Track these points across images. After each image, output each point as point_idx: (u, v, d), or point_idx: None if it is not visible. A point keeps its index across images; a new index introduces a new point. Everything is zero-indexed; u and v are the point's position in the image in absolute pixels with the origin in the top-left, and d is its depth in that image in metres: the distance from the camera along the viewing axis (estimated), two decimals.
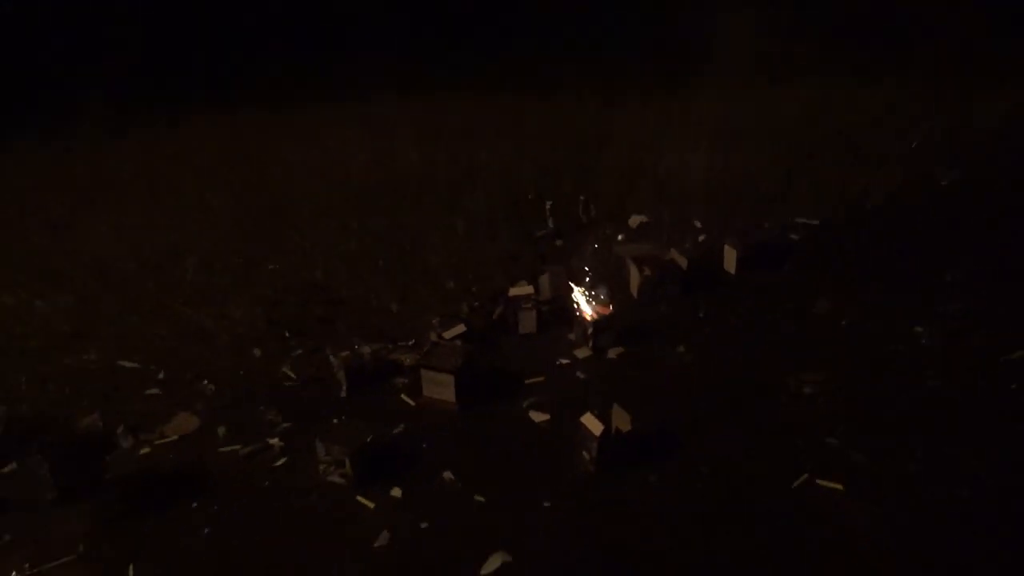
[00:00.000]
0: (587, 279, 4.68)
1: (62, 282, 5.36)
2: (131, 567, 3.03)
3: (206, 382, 4.17)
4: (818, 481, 3.26)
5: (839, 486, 3.22)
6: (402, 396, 3.99)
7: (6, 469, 3.48)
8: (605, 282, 4.71)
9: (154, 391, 4.13)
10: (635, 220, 5.65)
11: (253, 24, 10.64)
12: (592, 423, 3.41)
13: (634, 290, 4.77)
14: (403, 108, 8.42)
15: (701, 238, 5.42)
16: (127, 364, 4.36)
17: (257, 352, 4.40)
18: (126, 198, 6.86)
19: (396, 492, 3.34)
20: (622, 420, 3.46)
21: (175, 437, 3.70)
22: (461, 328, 4.24)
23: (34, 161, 7.98)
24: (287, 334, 4.54)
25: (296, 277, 5.17)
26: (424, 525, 3.16)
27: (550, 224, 5.62)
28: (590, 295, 4.59)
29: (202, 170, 7.45)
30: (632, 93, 8.11)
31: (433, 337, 4.20)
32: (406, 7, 10.72)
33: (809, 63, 8.18)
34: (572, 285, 4.71)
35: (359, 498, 3.32)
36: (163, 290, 5.18)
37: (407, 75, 9.03)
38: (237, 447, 3.67)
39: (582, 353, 4.26)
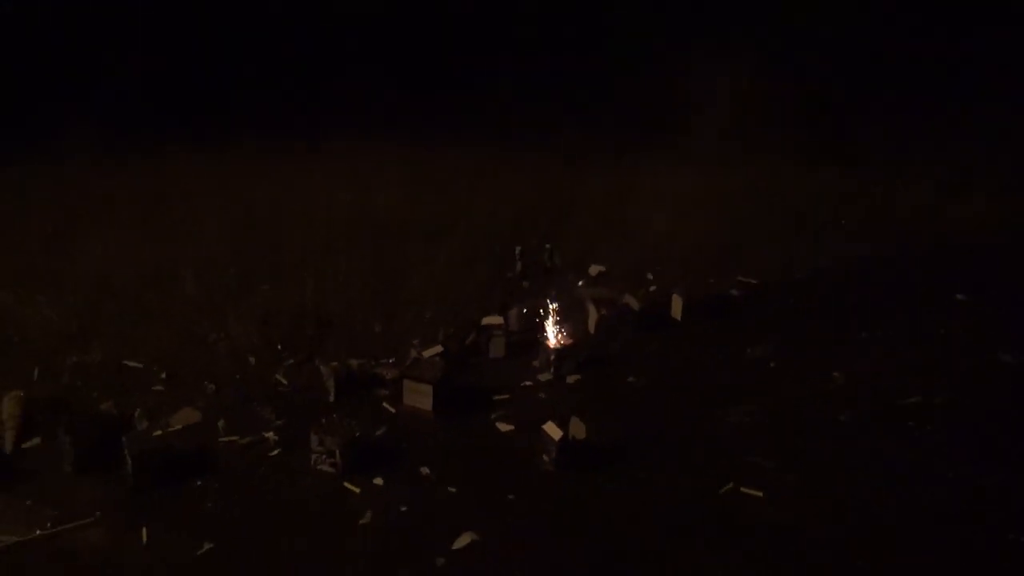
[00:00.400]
0: (551, 315, 5.24)
1: (63, 289, 5.73)
2: (144, 530, 3.42)
3: (207, 383, 4.59)
4: (741, 489, 3.80)
5: (759, 493, 3.76)
6: (384, 404, 4.46)
7: (30, 443, 3.87)
8: (566, 318, 5.27)
9: (159, 388, 4.53)
10: (594, 269, 6.26)
11: (246, 69, 11.21)
12: (552, 430, 3.94)
13: (591, 327, 5.34)
14: (385, 156, 9.03)
15: (652, 288, 6.03)
16: (132, 364, 4.76)
17: (252, 360, 4.84)
18: (120, 218, 7.26)
19: (378, 480, 3.79)
20: (578, 429, 3.99)
21: (179, 427, 4.10)
22: (439, 348, 4.75)
23: (28, 182, 8.32)
24: (279, 347, 4.98)
25: (287, 299, 5.63)
26: (403, 508, 3.62)
27: (519, 267, 6.19)
28: (553, 328, 5.15)
29: (193, 196, 7.90)
30: (597, 159, 8.83)
31: (414, 354, 4.70)
32: (391, 64, 11.43)
33: (757, 143, 9.00)
34: (537, 319, 5.26)
35: (346, 484, 3.76)
36: (162, 300, 5.59)
37: (390, 126, 9.68)
38: (236, 438, 4.09)
39: (544, 377, 4.80)
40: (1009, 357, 5.15)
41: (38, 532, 3.39)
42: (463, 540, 3.44)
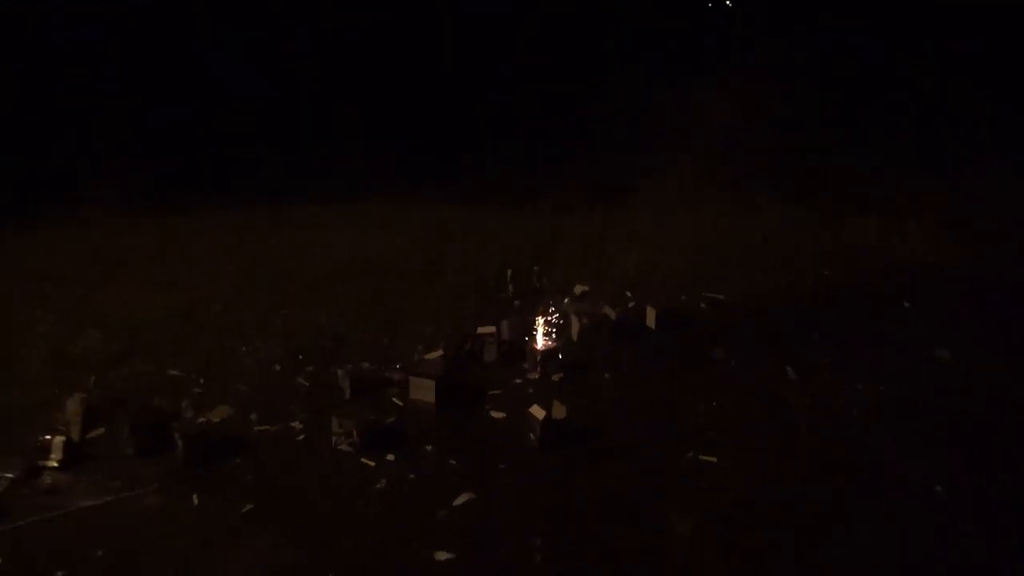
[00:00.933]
0: (538, 325, 5.93)
1: (105, 320, 6.42)
2: (194, 496, 4.06)
3: (238, 386, 5.26)
4: (700, 456, 4.45)
5: (713, 459, 4.41)
6: (393, 399, 5.12)
7: (94, 433, 4.52)
8: (552, 328, 5.96)
9: (198, 390, 5.20)
10: (578, 289, 6.97)
11: (256, 140, 12.12)
12: (537, 411, 4.59)
13: (574, 335, 6.02)
14: (382, 212, 9.84)
15: (631, 304, 6.73)
16: (173, 372, 5.44)
17: (277, 367, 5.51)
18: (148, 265, 7.98)
19: (390, 456, 4.43)
20: (559, 411, 4.64)
21: (218, 420, 4.76)
22: (439, 352, 5.43)
23: (53, 237, 9.05)
24: (300, 357, 5.66)
25: (304, 320, 6.32)
26: (412, 476, 4.25)
27: (510, 289, 6.91)
28: (540, 336, 5.83)
29: (212, 247, 8.64)
30: (580, 204, 9.63)
31: (417, 358, 5.38)
32: (385, 130, 12.39)
33: (725, 187, 9.85)
34: (526, 329, 5.95)
35: (363, 459, 4.41)
36: (193, 326, 6.29)
37: (385, 185, 10.53)
38: (267, 427, 4.75)
39: (532, 376, 5.46)
40: (945, 352, 5.82)
41: (108, 498, 4.02)
42: (461, 499, 4.06)
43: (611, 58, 14.00)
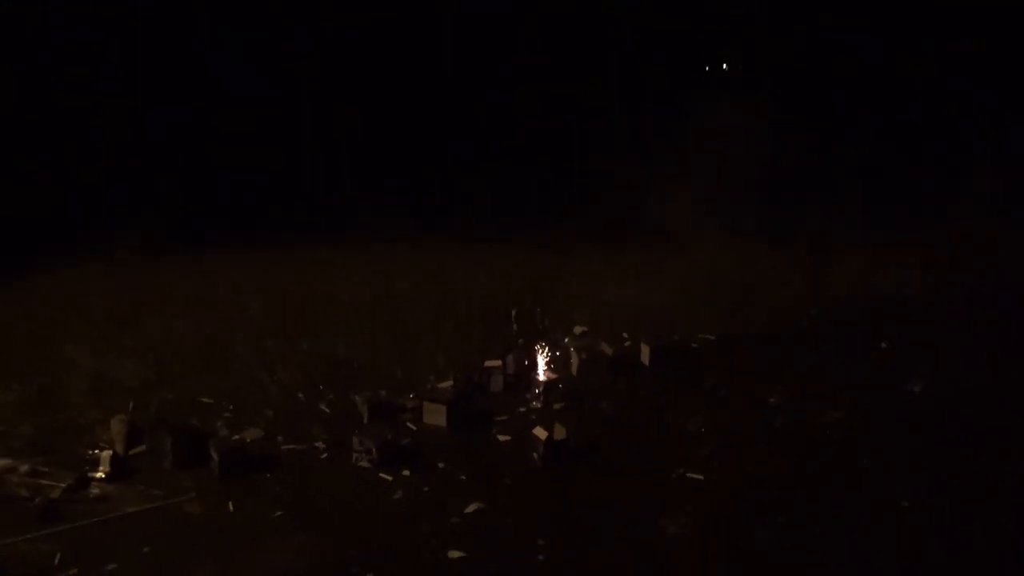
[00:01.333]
0: (540, 360, 6.37)
1: (137, 353, 6.88)
2: (229, 503, 4.47)
3: (266, 411, 5.69)
4: (688, 474, 4.86)
5: (701, 476, 4.82)
6: (408, 423, 5.54)
7: (136, 450, 4.95)
8: (553, 362, 6.40)
9: (228, 415, 5.63)
10: (578, 329, 7.42)
11: (273, 186, 12.74)
12: (540, 432, 5.02)
13: (574, 369, 6.46)
14: (396, 253, 10.36)
15: (627, 343, 7.18)
16: (204, 400, 5.87)
17: (301, 396, 5.95)
18: (175, 303, 8.45)
19: (406, 472, 4.84)
20: (560, 432, 5.06)
21: (249, 440, 5.18)
22: (450, 382, 5.88)
23: (91, 275, 9.56)
24: (321, 386, 6.10)
25: (324, 353, 6.77)
26: (426, 489, 4.66)
27: (514, 328, 7.36)
28: (542, 369, 6.28)
29: (237, 285, 9.13)
30: (579, 245, 10.14)
31: (429, 386, 5.82)
32: (402, 178, 13.02)
33: (714, 230, 10.37)
34: (530, 363, 6.39)
35: (381, 474, 4.82)
36: (220, 358, 6.75)
37: (399, 227, 11.07)
38: (293, 446, 5.17)
39: (535, 404, 5.89)
40: (914, 386, 6.24)
41: (151, 505, 4.43)
42: (472, 507, 4.47)
43: (609, 107, 14.70)
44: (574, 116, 14.46)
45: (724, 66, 17.96)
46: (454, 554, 4.02)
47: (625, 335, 7.41)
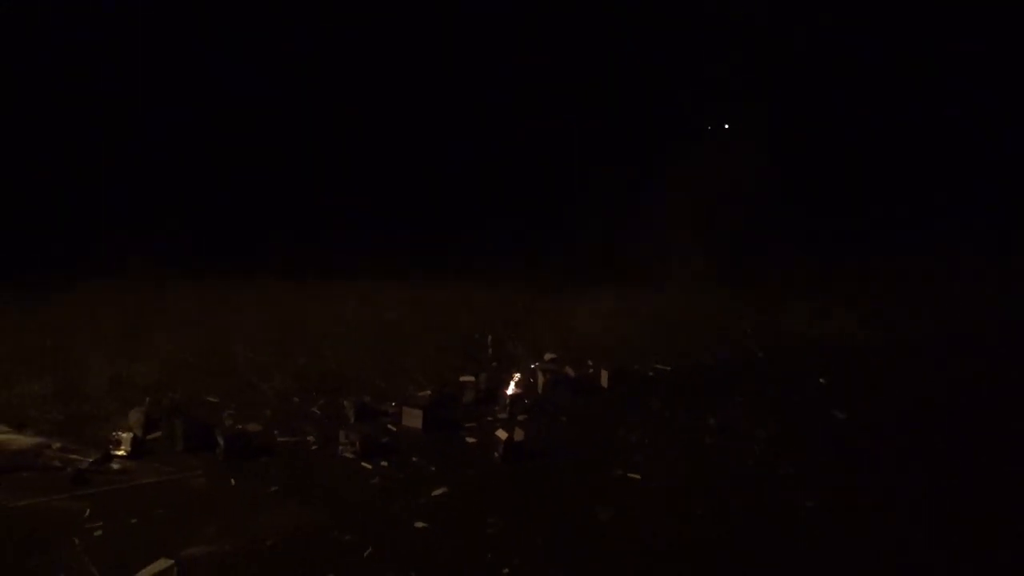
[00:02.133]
0: (510, 378, 7.16)
1: (146, 360, 7.63)
2: (232, 479, 5.22)
3: (264, 411, 6.46)
4: (628, 474, 5.62)
5: (637, 476, 5.59)
6: (388, 425, 6.31)
7: (152, 435, 5.70)
8: (521, 380, 7.19)
9: (230, 412, 6.39)
10: (547, 356, 8.21)
11: (275, 221, 13.65)
12: (501, 434, 5.78)
13: (539, 387, 7.25)
14: (386, 287, 11.22)
15: (590, 368, 7.97)
16: (210, 399, 6.64)
17: (296, 400, 6.72)
18: (179, 321, 9.22)
19: (384, 463, 5.59)
20: (519, 435, 5.82)
21: (250, 431, 5.94)
22: (428, 392, 6.65)
23: (104, 289, 10.37)
24: (314, 393, 6.87)
25: (316, 365, 7.55)
26: (400, 476, 5.41)
27: (490, 351, 8.16)
28: (511, 386, 7.06)
29: (239, 306, 9.94)
30: (552, 285, 11.03)
31: (408, 394, 6.59)
32: (393, 219, 13.97)
33: (680, 276, 11.28)
34: (500, 381, 7.17)
35: (363, 463, 5.57)
36: (222, 366, 7.52)
37: (388, 264, 11.97)
38: (287, 439, 5.93)
39: (501, 415, 6.65)
40: (840, 413, 7.05)
41: (165, 478, 5.18)
42: (438, 491, 5.22)
43: (584, 160, 15.79)
44: (554, 166, 15.53)
45: (726, 125, 19.01)
46: (419, 524, 4.76)
47: (589, 362, 8.21)
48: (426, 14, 16.10)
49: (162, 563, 3.98)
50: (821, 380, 8.07)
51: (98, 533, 4.48)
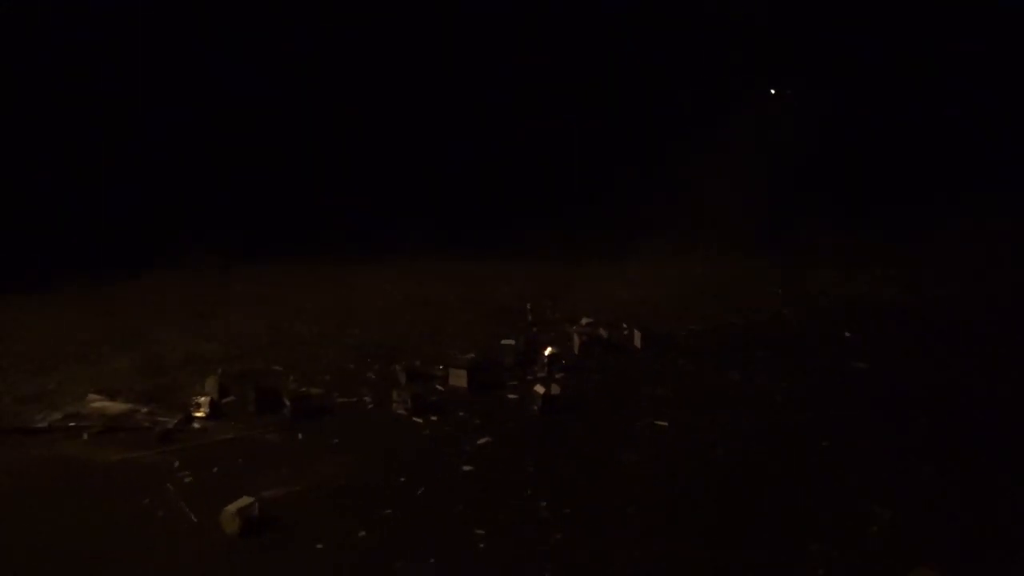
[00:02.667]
0: (548, 341, 7.64)
1: (214, 338, 8.30)
2: (298, 434, 5.81)
3: (324, 377, 7.05)
4: (655, 422, 6.07)
5: (665, 423, 6.02)
6: (437, 386, 6.85)
7: (227, 400, 6.33)
8: (558, 342, 7.67)
9: (294, 379, 6.99)
10: (583, 320, 8.67)
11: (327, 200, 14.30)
12: (539, 388, 6.27)
13: (575, 348, 7.72)
14: (429, 262, 11.78)
15: (625, 332, 8.41)
16: (275, 368, 7.26)
17: (351, 367, 7.30)
18: (240, 304, 9.90)
19: (433, 418, 6.12)
20: (555, 389, 6.31)
21: (312, 393, 6.53)
22: (471, 355, 7.17)
23: (169, 276, 11.11)
24: (368, 359, 7.45)
25: (369, 336, 8.13)
26: (447, 429, 5.94)
27: (529, 318, 8.64)
28: (548, 348, 7.53)
29: (294, 288, 10.60)
30: (589, 258, 11.46)
31: (455, 357, 7.12)
32: (436, 209, 14.53)
33: (711, 245, 11.61)
34: (539, 343, 7.65)
35: (414, 419, 6.12)
36: (285, 341, 8.14)
37: (432, 243, 12.53)
38: (345, 400, 6.50)
39: (540, 374, 7.14)
40: (862, 364, 7.38)
41: (240, 434, 5.79)
42: (482, 440, 5.73)
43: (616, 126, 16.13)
44: (584, 139, 15.89)
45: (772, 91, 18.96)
46: (466, 468, 5.28)
47: (624, 325, 8.65)
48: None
49: (244, 500, 4.55)
50: (847, 334, 8.39)
51: (188, 480, 5.10)
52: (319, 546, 4.29)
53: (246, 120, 15.97)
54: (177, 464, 5.33)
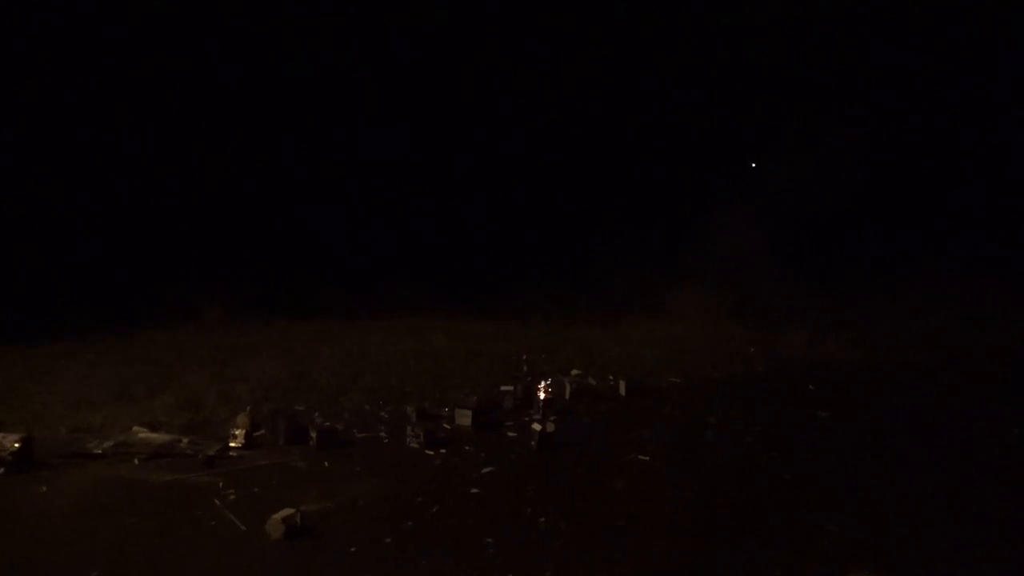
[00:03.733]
0: (542, 388, 8.34)
1: (243, 382, 8.96)
2: (325, 462, 6.46)
3: (344, 415, 7.71)
4: (638, 456, 6.75)
5: (647, 457, 6.70)
6: (444, 424, 7.52)
7: (258, 433, 6.97)
8: (551, 389, 8.37)
9: (317, 416, 7.65)
10: (574, 371, 9.39)
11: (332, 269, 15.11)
12: (536, 426, 6.96)
13: (567, 395, 8.42)
14: (434, 321, 12.51)
15: (611, 382, 9.12)
16: (299, 408, 7.91)
17: (367, 407, 7.96)
18: (258, 353, 10.58)
19: (443, 451, 6.79)
20: (551, 427, 7.00)
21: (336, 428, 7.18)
22: (474, 398, 7.86)
23: (182, 335, 11.77)
24: (381, 402, 8.12)
25: (382, 383, 8.80)
26: (456, 459, 6.61)
27: (524, 369, 9.36)
28: (543, 393, 8.23)
29: (308, 341, 11.28)
30: (580, 319, 12.23)
31: (460, 399, 7.80)
32: (436, 270, 15.35)
33: (694, 310, 12.42)
34: (534, 390, 8.36)
35: (426, 451, 6.78)
36: (305, 386, 8.81)
37: (437, 306, 13.29)
38: (364, 434, 7.16)
39: (536, 416, 7.82)
40: (823, 413, 8.11)
41: (273, 461, 6.42)
42: (486, 469, 6.38)
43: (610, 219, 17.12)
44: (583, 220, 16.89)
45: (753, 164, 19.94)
46: (474, 490, 5.93)
47: (610, 376, 9.37)
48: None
49: (287, 511, 5.18)
50: (810, 387, 9.14)
51: (232, 497, 5.72)
52: (352, 549, 4.92)
53: (261, 189, 16.91)
54: (221, 484, 5.96)
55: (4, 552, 4.80)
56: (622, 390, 8.68)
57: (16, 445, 6.09)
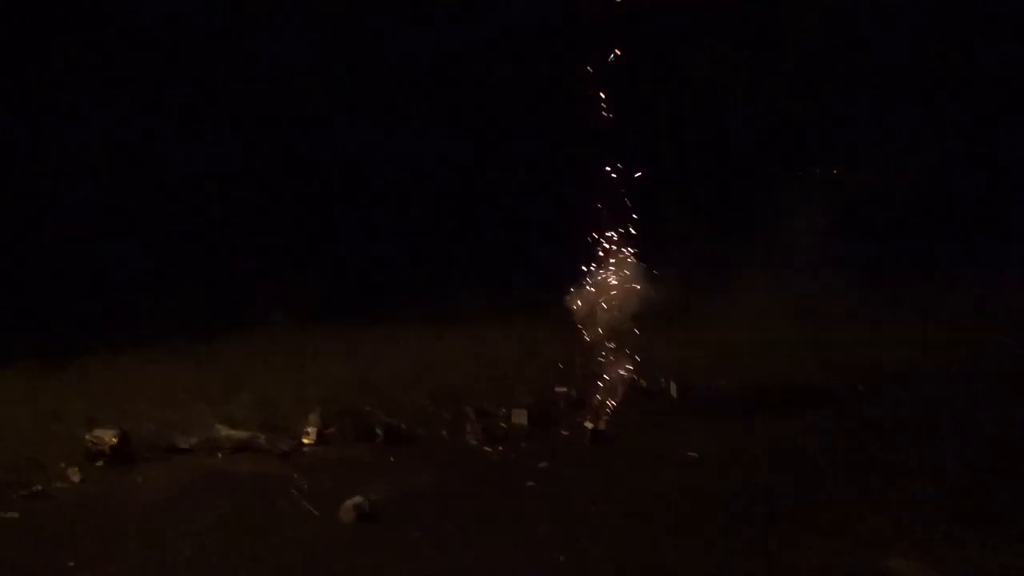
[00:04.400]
0: (595, 390, 8.66)
1: (302, 388, 9.47)
2: (390, 457, 6.91)
3: (407, 415, 8.17)
4: (687, 452, 7.01)
5: (696, 454, 6.97)
6: (500, 423, 7.91)
7: (327, 430, 7.48)
8: (606, 392, 8.68)
9: (381, 414, 8.12)
10: (625, 374, 9.69)
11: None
12: (588, 423, 7.31)
13: (618, 395, 8.72)
14: (494, 327, 12.89)
15: (662, 384, 9.37)
16: (364, 408, 8.40)
17: (429, 408, 8.40)
18: (326, 359, 11.10)
19: (500, 448, 7.17)
20: (601, 424, 7.34)
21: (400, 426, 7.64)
22: (530, 399, 8.25)
23: (243, 341, 12.31)
24: (441, 401, 8.55)
25: (442, 384, 9.24)
26: (513, 455, 6.98)
27: (579, 371, 9.68)
28: (597, 395, 8.54)
29: (371, 350, 11.77)
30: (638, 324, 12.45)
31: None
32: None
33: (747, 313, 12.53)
34: (588, 391, 8.67)
35: (484, 447, 7.18)
36: (369, 392, 9.28)
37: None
38: (425, 433, 7.60)
39: (589, 415, 8.13)
40: (874, 412, 8.23)
41: (343, 455, 6.91)
42: (542, 464, 6.75)
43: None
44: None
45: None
46: (530, 483, 6.30)
47: (661, 379, 9.62)
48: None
49: (356, 498, 5.64)
50: (860, 387, 9.24)
51: (306, 487, 6.22)
52: (416, 534, 5.35)
53: (332, 200, 17.51)
54: (296, 476, 6.47)
55: (109, 534, 5.37)
56: (673, 392, 8.94)
57: (114, 440, 6.70)
